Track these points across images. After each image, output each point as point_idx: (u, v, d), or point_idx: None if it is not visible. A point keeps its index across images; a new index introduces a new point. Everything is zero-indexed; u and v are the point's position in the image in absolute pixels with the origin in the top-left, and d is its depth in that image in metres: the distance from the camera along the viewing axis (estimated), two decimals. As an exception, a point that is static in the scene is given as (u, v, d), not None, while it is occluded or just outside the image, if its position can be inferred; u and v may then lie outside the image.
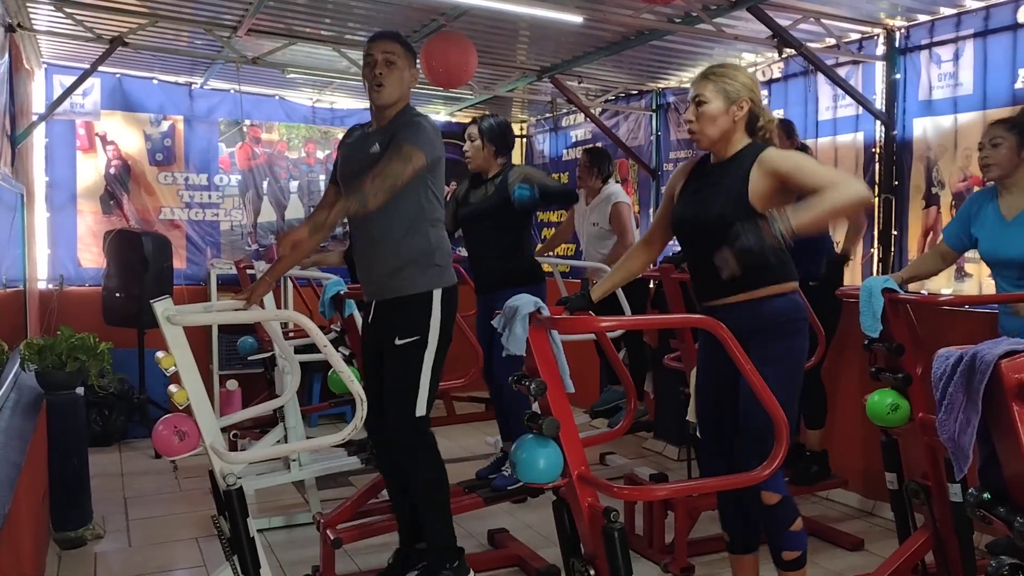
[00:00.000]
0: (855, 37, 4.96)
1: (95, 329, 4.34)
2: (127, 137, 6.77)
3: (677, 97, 6.46)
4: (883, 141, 4.82)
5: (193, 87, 6.94)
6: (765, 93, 5.48)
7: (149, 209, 6.84)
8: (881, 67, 4.86)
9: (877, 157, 4.86)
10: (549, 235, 7.51)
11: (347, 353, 3.81)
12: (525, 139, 8.48)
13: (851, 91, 4.77)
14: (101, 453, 5.57)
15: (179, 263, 6.69)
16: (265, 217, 7.30)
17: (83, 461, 4.10)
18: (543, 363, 2.31)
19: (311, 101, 7.43)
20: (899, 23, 4.73)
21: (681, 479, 4.32)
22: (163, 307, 2.25)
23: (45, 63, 6.34)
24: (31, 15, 5.12)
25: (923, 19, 4.63)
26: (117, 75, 6.64)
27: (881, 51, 4.85)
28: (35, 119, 5.80)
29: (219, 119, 7.10)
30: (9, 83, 4.89)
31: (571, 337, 3.16)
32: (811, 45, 4.81)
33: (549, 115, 7.80)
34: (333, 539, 3.37)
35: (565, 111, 7.61)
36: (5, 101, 4.77)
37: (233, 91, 6.98)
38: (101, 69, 5.68)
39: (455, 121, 7.71)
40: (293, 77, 6.45)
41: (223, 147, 7.13)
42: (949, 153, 4.51)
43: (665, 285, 4.29)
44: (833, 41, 4.88)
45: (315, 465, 4.33)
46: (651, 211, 6.55)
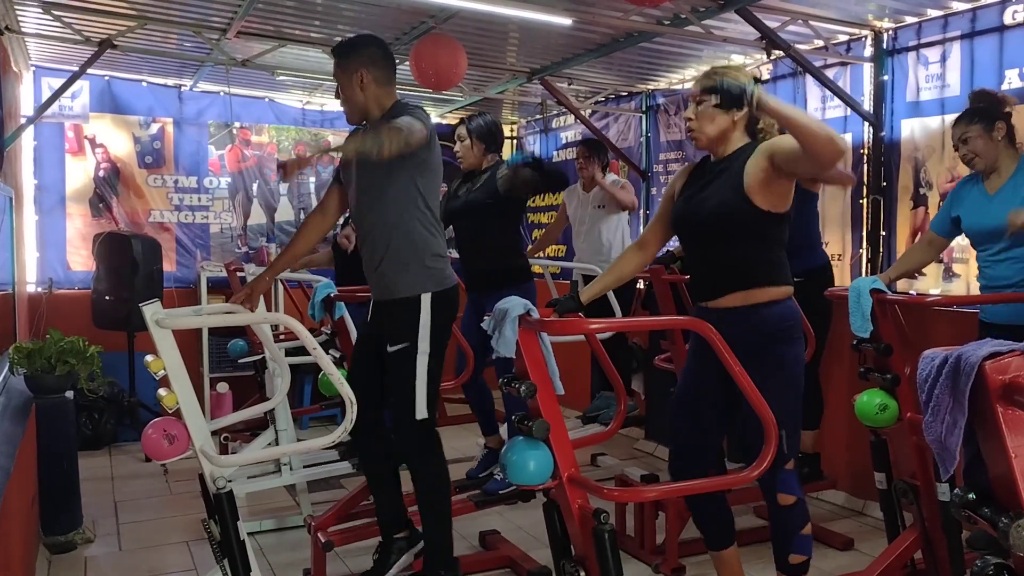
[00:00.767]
0: (843, 39, 4.98)
1: (84, 332, 4.34)
2: (116, 140, 6.75)
3: (667, 99, 6.47)
4: (871, 142, 4.84)
5: (182, 89, 6.92)
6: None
7: (138, 212, 6.83)
8: (869, 69, 4.88)
9: (865, 158, 4.89)
10: (539, 236, 7.53)
11: (337, 356, 3.80)
12: (516, 140, 8.49)
13: (839, 93, 4.79)
14: (91, 457, 5.55)
15: (169, 266, 6.67)
16: (255, 219, 7.28)
17: (73, 465, 4.09)
18: (533, 365, 2.32)
19: (301, 103, 7.42)
20: (887, 25, 4.75)
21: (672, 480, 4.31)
22: (152, 311, 2.25)
23: (33, 66, 6.31)
24: (19, 18, 5.09)
25: (910, 21, 4.65)
26: (106, 77, 6.62)
27: (869, 53, 4.87)
28: (23, 122, 5.77)
29: (208, 121, 7.08)
30: (-3, 86, 4.88)
31: (561, 338, 3.17)
32: (799, 47, 4.83)
33: (539, 117, 7.81)
34: (324, 542, 3.37)
35: (555, 113, 7.63)
36: (-7, 104, 4.75)
37: (223, 93, 6.96)
38: (90, 72, 5.66)
39: (445, 123, 7.71)
40: (283, 79, 6.44)
41: (213, 149, 7.11)
42: (937, 154, 4.53)
43: (655, 286, 4.30)
44: (821, 43, 4.90)
45: (306, 469, 4.32)
46: (641, 211, 6.55)
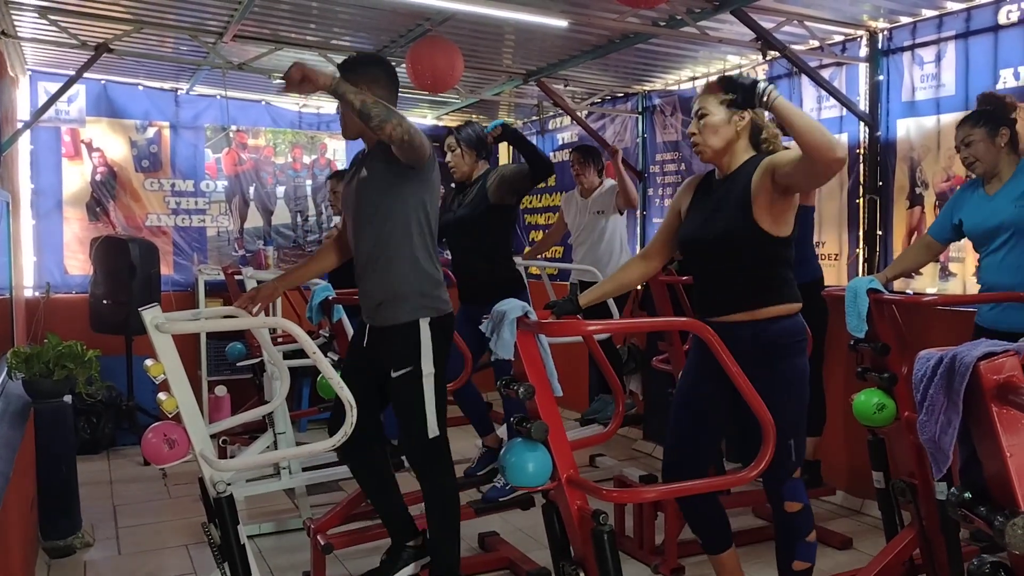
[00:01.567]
0: (838, 39, 4.99)
1: (82, 336, 4.34)
2: (113, 144, 6.75)
3: (663, 100, 6.48)
4: (867, 142, 4.85)
5: (179, 93, 6.93)
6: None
7: (136, 216, 6.83)
8: (864, 69, 4.89)
9: (861, 158, 4.90)
10: (537, 237, 7.53)
11: (335, 358, 3.81)
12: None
13: (835, 93, 4.80)
14: (90, 461, 5.55)
15: (166, 269, 6.68)
16: (252, 223, 7.29)
17: (72, 469, 4.09)
18: (531, 367, 2.32)
19: (297, 106, 7.42)
20: (881, 25, 4.76)
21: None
22: (151, 315, 2.25)
23: (30, 70, 6.32)
24: (15, 22, 5.09)
25: (905, 21, 4.66)
26: (102, 81, 6.62)
27: (864, 53, 4.88)
28: (20, 126, 5.78)
29: (205, 125, 7.08)
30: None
31: (559, 340, 3.17)
32: (795, 47, 4.83)
33: (536, 118, 7.82)
34: (324, 544, 3.37)
35: (551, 114, 7.63)
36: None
37: (219, 97, 6.96)
38: (86, 76, 5.66)
39: (442, 125, 7.72)
40: (279, 82, 6.42)
41: (209, 153, 7.11)
42: (932, 153, 4.54)
43: (653, 288, 4.31)
44: (816, 43, 4.91)
45: (305, 473, 4.32)
46: (638, 213, 6.56)
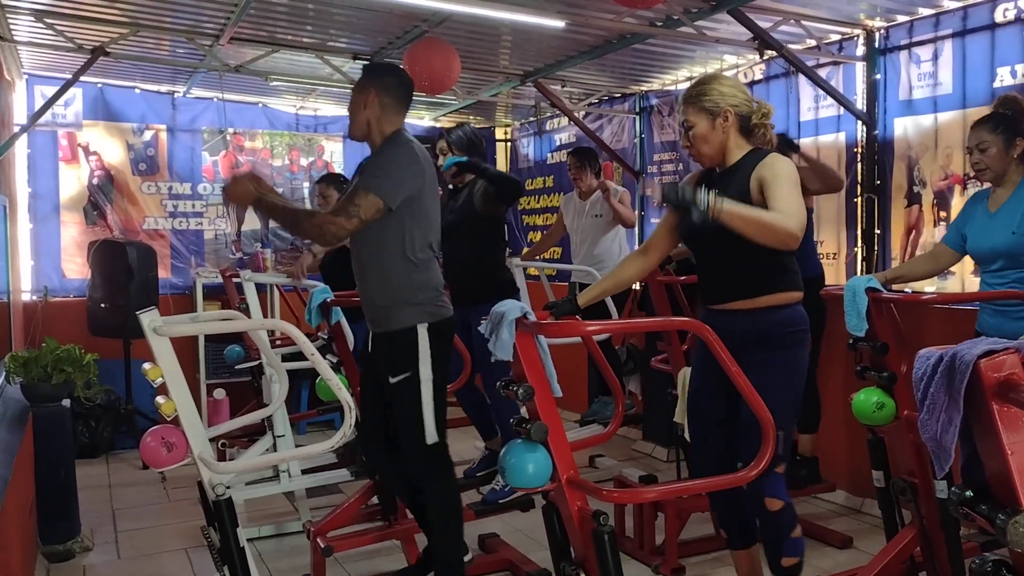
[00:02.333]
0: (835, 38, 4.99)
1: (80, 340, 4.33)
2: (110, 147, 6.75)
3: (660, 100, 6.48)
4: (865, 141, 4.86)
5: (175, 96, 6.92)
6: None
7: (133, 219, 6.82)
8: (861, 68, 4.90)
9: (859, 157, 4.90)
10: (536, 238, 7.53)
11: (334, 360, 3.80)
12: (509, 143, 8.50)
13: (832, 92, 4.80)
14: (88, 465, 5.54)
15: (164, 272, 6.67)
16: (249, 225, 7.28)
17: (70, 473, 4.08)
18: (530, 368, 2.32)
19: (294, 108, 7.42)
20: (878, 24, 4.76)
21: (670, 480, 4.33)
22: (150, 318, 2.24)
23: (26, 74, 6.31)
24: (11, 26, 5.08)
25: (902, 20, 4.66)
26: (99, 85, 6.62)
27: (861, 52, 4.88)
28: (17, 130, 5.76)
29: (202, 128, 7.07)
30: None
31: (558, 341, 3.17)
32: (792, 47, 4.84)
33: (533, 119, 7.81)
34: (323, 547, 3.36)
35: (549, 115, 7.62)
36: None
37: (216, 99, 6.96)
38: (83, 79, 5.65)
39: (439, 126, 7.72)
40: (276, 85, 6.44)
41: (206, 156, 7.11)
42: (930, 152, 4.54)
43: (651, 288, 4.30)
44: (813, 42, 4.91)
45: (305, 476, 4.32)
46: (637, 213, 6.55)
